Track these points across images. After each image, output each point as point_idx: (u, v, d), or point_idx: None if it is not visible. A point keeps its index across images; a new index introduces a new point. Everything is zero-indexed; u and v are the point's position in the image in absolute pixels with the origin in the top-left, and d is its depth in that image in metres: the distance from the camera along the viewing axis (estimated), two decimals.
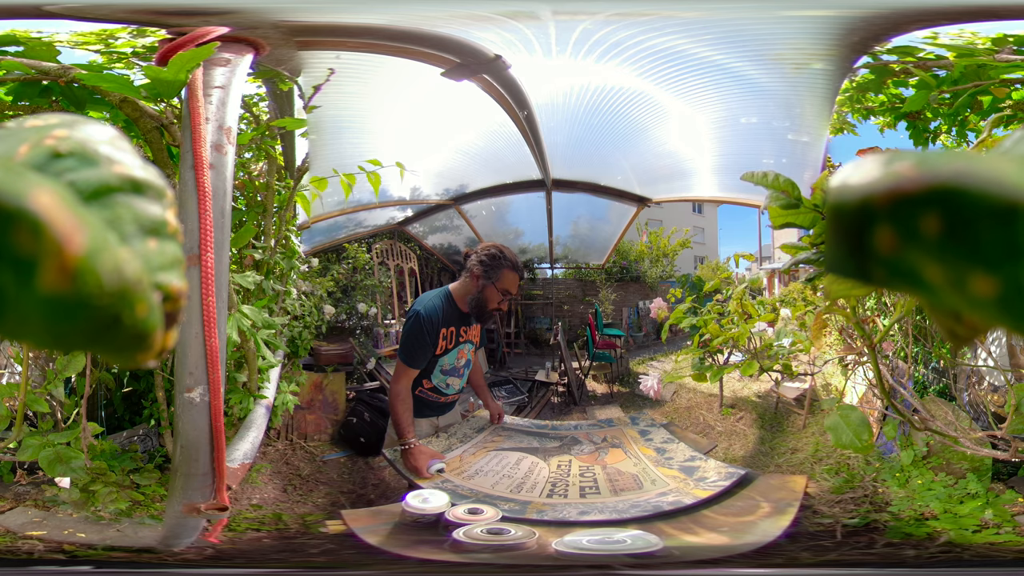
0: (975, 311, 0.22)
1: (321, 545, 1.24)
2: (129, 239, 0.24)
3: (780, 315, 1.64)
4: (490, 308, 1.52)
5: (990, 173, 0.21)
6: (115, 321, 0.22)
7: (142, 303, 0.23)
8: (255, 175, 1.47)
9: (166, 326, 0.25)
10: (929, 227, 0.21)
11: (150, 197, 0.25)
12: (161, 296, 0.24)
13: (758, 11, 1.29)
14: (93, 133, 0.26)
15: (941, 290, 0.22)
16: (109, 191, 0.24)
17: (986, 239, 0.20)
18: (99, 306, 0.21)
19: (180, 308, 0.25)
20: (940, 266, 0.21)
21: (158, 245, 0.25)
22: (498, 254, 1.52)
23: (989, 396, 1.37)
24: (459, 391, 1.64)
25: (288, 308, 1.56)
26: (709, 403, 1.68)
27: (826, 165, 1.43)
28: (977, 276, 0.21)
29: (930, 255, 0.22)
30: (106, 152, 0.25)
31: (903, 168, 0.22)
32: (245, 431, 1.32)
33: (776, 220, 0.99)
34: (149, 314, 0.23)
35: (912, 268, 0.22)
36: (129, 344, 0.23)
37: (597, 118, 1.58)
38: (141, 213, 0.25)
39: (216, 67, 1.11)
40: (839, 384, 1.53)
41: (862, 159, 0.25)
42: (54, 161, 0.24)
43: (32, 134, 0.25)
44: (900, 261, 0.22)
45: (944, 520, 1.23)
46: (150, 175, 0.26)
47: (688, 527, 1.27)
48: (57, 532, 1.21)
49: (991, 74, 1.24)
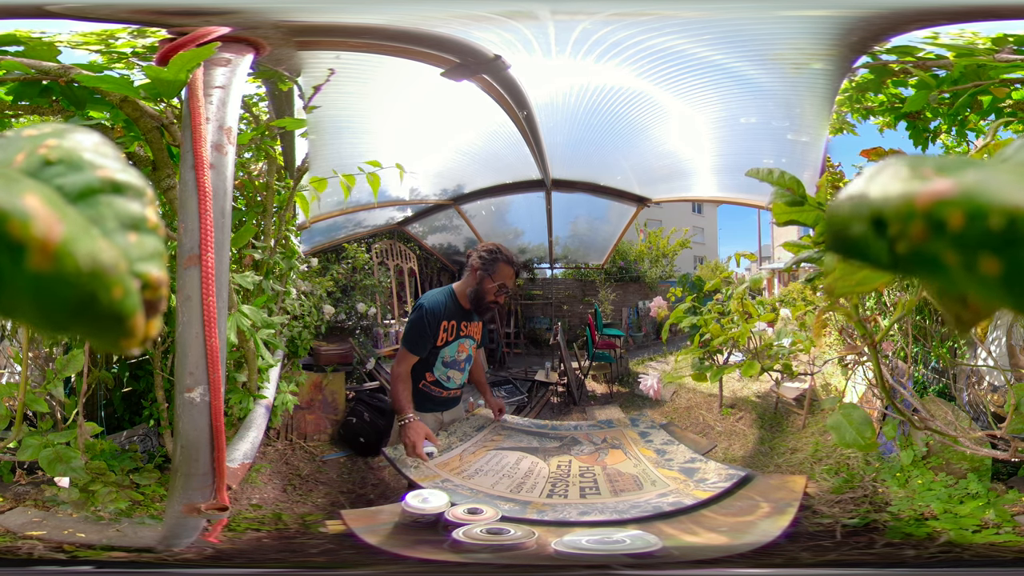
0: (982, 291, 0.28)
1: (321, 545, 1.24)
2: (111, 234, 0.28)
3: (780, 315, 1.64)
4: (488, 300, 1.60)
5: (1003, 185, 0.27)
6: (92, 299, 0.26)
7: (118, 286, 0.26)
8: (255, 175, 1.48)
9: (147, 313, 0.28)
10: (954, 220, 0.28)
11: (130, 196, 0.29)
12: (140, 283, 0.28)
13: (758, 11, 1.29)
14: (79, 141, 0.30)
15: (955, 271, 0.28)
16: (93, 192, 0.28)
17: (994, 231, 0.27)
18: (77, 284, 0.25)
19: (160, 297, 0.28)
20: (956, 251, 0.28)
21: (138, 238, 0.28)
22: (495, 249, 1.62)
23: (989, 396, 1.37)
24: (460, 386, 1.67)
25: (288, 308, 1.57)
26: (709, 403, 1.68)
27: (826, 165, 1.43)
28: (986, 258, 0.27)
29: (949, 243, 0.28)
30: (90, 158, 0.29)
31: (932, 177, 0.29)
32: (245, 431, 1.32)
33: (780, 217, 0.99)
34: (125, 297, 0.27)
35: (933, 254, 0.29)
36: (109, 325, 0.26)
37: (597, 118, 1.58)
38: (122, 210, 0.28)
39: (216, 67, 1.11)
40: (839, 384, 1.53)
41: (884, 164, 0.32)
42: (46, 168, 0.28)
43: (27, 143, 0.29)
44: (924, 249, 0.29)
45: (944, 520, 1.22)
46: (131, 177, 0.30)
47: (687, 527, 1.27)
48: (57, 532, 1.21)
49: (991, 74, 1.24)
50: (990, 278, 0.27)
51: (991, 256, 0.27)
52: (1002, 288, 0.27)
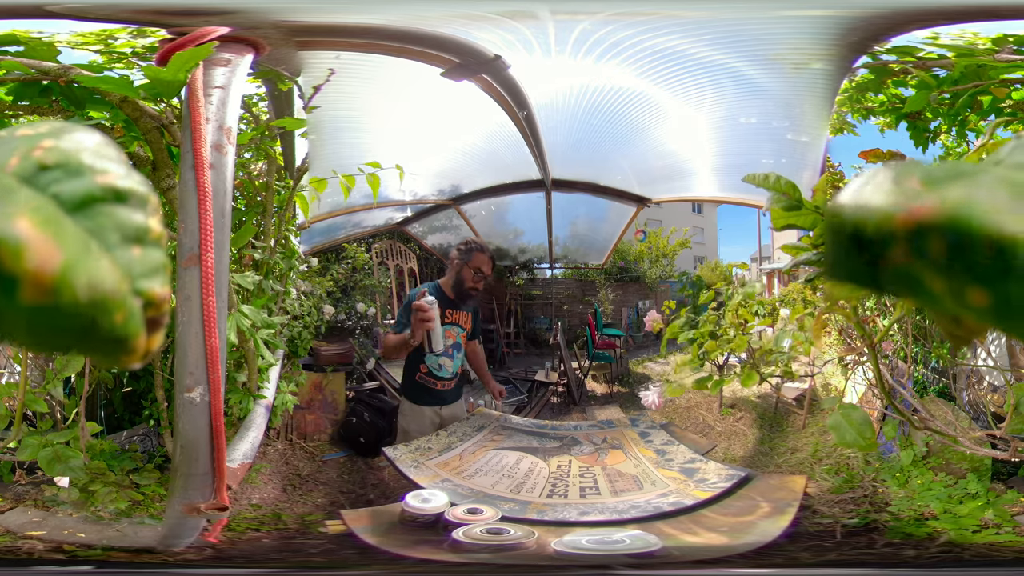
0: (972, 316, 0.25)
1: (321, 545, 1.24)
2: (112, 248, 0.25)
3: (780, 315, 1.64)
4: (467, 286, 1.70)
5: (988, 205, 0.24)
6: (92, 326, 0.24)
7: (120, 311, 0.25)
8: (255, 175, 1.48)
9: (149, 330, 0.26)
10: (935, 249, 0.24)
11: (133, 205, 0.26)
12: (142, 302, 0.26)
13: (758, 11, 1.29)
14: (79, 142, 0.27)
15: (942, 298, 0.25)
16: (93, 201, 0.26)
17: (981, 261, 0.24)
18: (76, 315, 0.23)
19: (163, 313, 0.27)
20: (941, 279, 0.25)
21: (141, 252, 0.26)
22: (469, 241, 1.73)
23: (989, 396, 1.37)
24: (454, 375, 1.70)
25: (288, 308, 1.57)
26: (709, 403, 1.68)
27: (826, 165, 1.43)
28: (973, 289, 0.24)
29: (933, 269, 0.25)
30: (90, 162, 0.26)
31: (916, 193, 0.26)
32: (245, 431, 1.32)
33: (778, 222, 0.99)
34: (128, 320, 0.25)
35: (918, 278, 0.25)
36: (110, 347, 0.25)
37: (597, 118, 1.58)
38: (124, 221, 0.26)
39: (216, 67, 1.11)
40: (839, 384, 1.53)
41: (871, 174, 0.29)
42: (42, 173, 0.25)
43: (22, 144, 0.26)
44: (908, 272, 0.26)
45: (944, 520, 1.22)
46: (133, 183, 0.27)
47: (687, 527, 1.27)
48: (57, 532, 1.21)
49: (991, 74, 1.24)
50: (979, 308, 0.24)
51: (978, 288, 0.24)
52: (993, 317, 0.24)
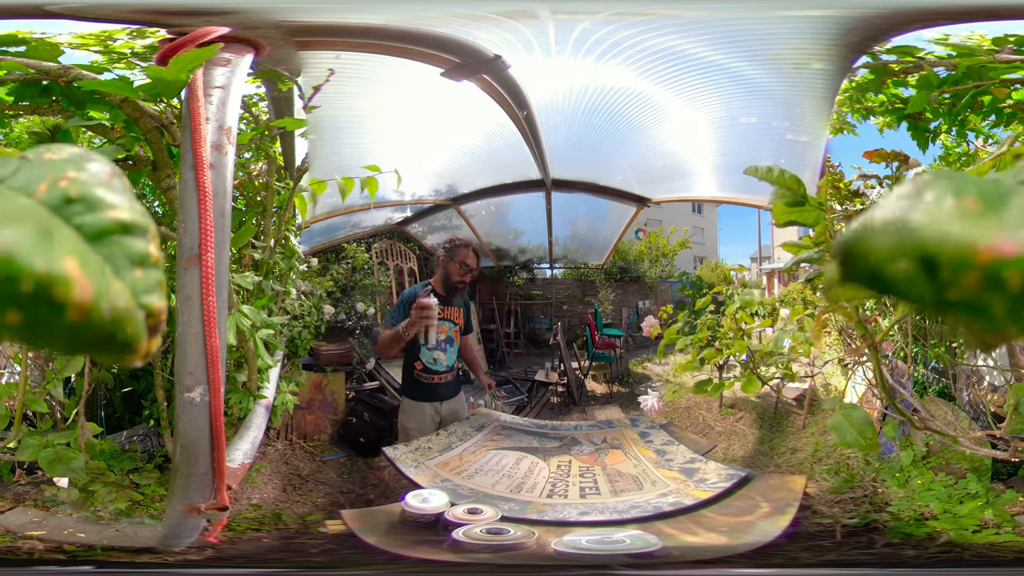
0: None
1: (321, 545, 1.24)
2: (121, 271, 0.34)
3: (780, 315, 1.64)
4: (454, 280, 1.73)
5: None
6: (112, 337, 0.32)
7: (131, 324, 0.33)
8: (255, 175, 1.48)
9: (150, 335, 0.34)
10: (1013, 282, 0.27)
11: (137, 235, 0.34)
12: (145, 314, 0.34)
13: (758, 11, 1.29)
14: (95, 175, 0.35)
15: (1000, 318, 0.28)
16: (107, 233, 0.34)
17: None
18: (100, 327, 0.32)
19: (161, 320, 0.35)
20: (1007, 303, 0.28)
21: (143, 273, 0.34)
22: (455, 237, 1.77)
23: (989, 396, 1.37)
24: (449, 368, 1.72)
25: (287, 308, 1.57)
26: (709, 403, 1.68)
27: (826, 165, 1.43)
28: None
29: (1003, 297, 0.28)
30: (102, 196, 0.34)
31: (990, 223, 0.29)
32: (245, 431, 1.32)
33: (780, 218, 0.97)
34: (136, 329, 0.33)
35: (983, 303, 0.28)
36: (121, 350, 0.33)
37: (597, 118, 1.58)
38: (130, 249, 0.34)
39: (216, 67, 1.11)
40: (839, 384, 1.53)
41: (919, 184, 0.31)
42: (67, 205, 0.33)
43: (49, 171, 0.34)
44: (975, 297, 0.28)
45: (944, 520, 1.22)
46: (136, 216, 0.35)
47: (687, 527, 1.27)
48: (57, 532, 1.21)
49: (991, 74, 1.24)
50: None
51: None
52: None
